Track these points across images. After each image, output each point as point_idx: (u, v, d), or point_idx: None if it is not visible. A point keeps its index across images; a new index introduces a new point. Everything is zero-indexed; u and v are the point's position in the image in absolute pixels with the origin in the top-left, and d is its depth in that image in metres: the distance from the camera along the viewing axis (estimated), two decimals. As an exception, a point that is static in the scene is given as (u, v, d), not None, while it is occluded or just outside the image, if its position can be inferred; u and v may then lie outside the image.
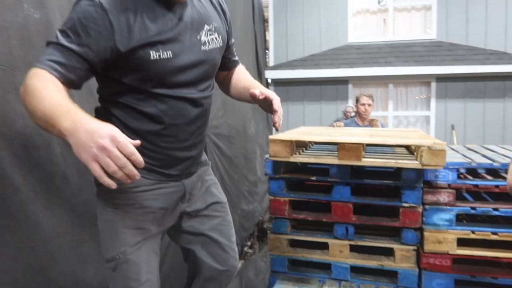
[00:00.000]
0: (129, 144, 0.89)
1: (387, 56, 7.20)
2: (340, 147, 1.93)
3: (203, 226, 1.47)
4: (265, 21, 7.96)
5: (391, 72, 6.99)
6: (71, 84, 1.11)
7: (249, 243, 4.93)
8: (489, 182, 2.04)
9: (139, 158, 0.90)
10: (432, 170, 1.99)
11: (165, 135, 1.27)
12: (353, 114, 6.43)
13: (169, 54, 1.18)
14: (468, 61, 6.75)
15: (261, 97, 1.37)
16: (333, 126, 4.35)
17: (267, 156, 2.10)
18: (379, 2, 7.45)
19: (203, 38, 1.27)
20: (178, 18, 1.22)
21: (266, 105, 1.41)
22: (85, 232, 1.87)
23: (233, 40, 1.51)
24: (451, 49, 7.04)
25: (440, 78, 7.08)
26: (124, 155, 0.88)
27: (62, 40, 1.09)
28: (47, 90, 1.01)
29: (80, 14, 1.10)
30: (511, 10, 6.87)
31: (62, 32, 1.10)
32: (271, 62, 7.90)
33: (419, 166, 1.90)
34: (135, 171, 0.90)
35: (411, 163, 1.93)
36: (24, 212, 1.57)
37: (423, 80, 7.24)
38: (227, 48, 1.46)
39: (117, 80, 1.20)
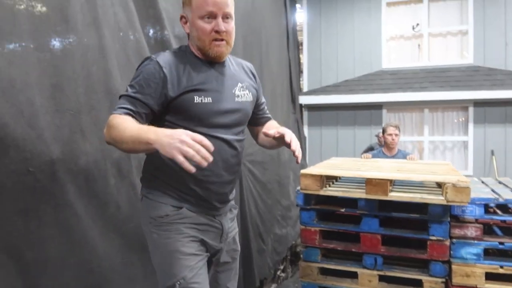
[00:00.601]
0: (198, 135, 1.19)
1: (422, 81, 7.20)
2: (367, 182, 2.05)
3: (225, 280, 1.68)
4: (299, 45, 8.20)
5: (427, 97, 6.97)
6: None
7: (281, 267, 5.02)
8: (517, 217, 2.08)
9: (208, 143, 1.19)
10: (460, 205, 2.06)
11: (205, 169, 1.40)
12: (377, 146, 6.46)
13: (209, 100, 1.46)
14: (507, 86, 6.63)
15: (277, 135, 1.58)
16: (362, 157, 4.41)
17: (298, 188, 2.24)
18: (413, 28, 7.50)
19: (237, 92, 1.56)
20: (218, 74, 1.53)
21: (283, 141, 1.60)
22: (134, 255, 2.08)
23: (263, 99, 1.79)
24: (489, 73, 6.94)
25: (478, 103, 6.98)
26: (197, 143, 1.17)
27: (130, 92, 1.43)
28: (127, 122, 1.33)
29: (143, 71, 1.45)
30: (552, 34, 6.73)
31: (130, 86, 1.44)
32: (305, 88, 8.07)
33: (444, 202, 1.99)
34: (207, 154, 1.17)
35: (436, 198, 2.01)
36: (84, 238, 1.79)
37: (460, 105, 7.15)
38: (258, 105, 1.74)
39: (166, 121, 1.47)
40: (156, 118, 1.48)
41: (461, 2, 7.26)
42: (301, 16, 8.56)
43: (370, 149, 6.55)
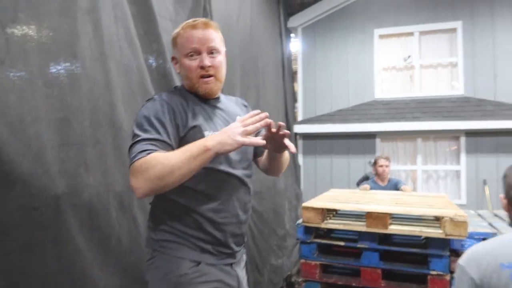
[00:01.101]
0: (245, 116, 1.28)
1: (414, 111, 7.33)
2: (367, 216, 2.07)
3: None
4: (293, 74, 8.36)
5: (419, 127, 7.09)
6: None
7: (278, 299, 4.94)
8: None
9: (258, 112, 1.28)
10: (459, 239, 2.08)
11: (222, 210, 1.43)
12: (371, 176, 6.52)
13: (215, 131, 1.41)
14: (497, 117, 6.79)
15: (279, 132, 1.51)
16: (360, 188, 4.47)
17: (299, 221, 2.26)
18: (405, 60, 7.70)
19: None
20: (216, 109, 1.53)
21: (274, 143, 1.49)
22: (133, 289, 2.05)
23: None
24: (479, 104, 7.11)
25: (470, 133, 7.11)
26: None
27: (143, 135, 1.31)
28: (161, 156, 1.23)
29: (150, 110, 1.38)
30: (539, 67, 6.96)
31: (143, 130, 1.33)
32: (300, 117, 8.18)
33: (443, 236, 2.01)
34: (264, 117, 1.27)
35: (435, 232, 2.04)
36: (86, 272, 1.77)
37: (452, 135, 7.28)
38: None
39: None
40: None
41: (450, 35, 7.51)
42: (295, 45, 8.78)
43: (365, 178, 6.59)
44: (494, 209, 6.95)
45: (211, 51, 1.45)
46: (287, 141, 1.42)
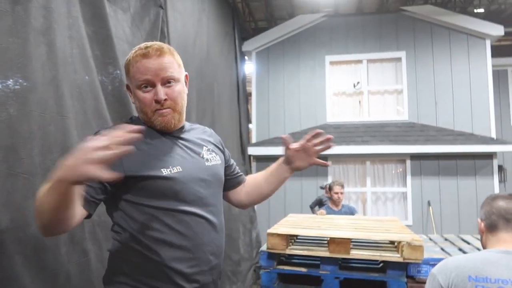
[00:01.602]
0: (95, 140, 0.95)
1: (363, 135, 7.63)
2: (330, 241, 2.08)
3: None
4: (248, 95, 8.44)
5: (368, 150, 7.38)
6: (85, 200, 1.15)
7: (233, 327, 4.80)
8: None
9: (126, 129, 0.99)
10: (415, 265, 2.14)
11: (190, 258, 1.25)
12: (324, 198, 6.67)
13: (179, 169, 1.27)
14: (439, 141, 7.23)
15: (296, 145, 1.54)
16: (317, 213, 4.53)
17: (262, 248, 2.22)
18: (354, 86, 8.05)
19: (205, 156, 1.40)
20: (179, 140, 1.37)
21: (298, 158, 1.56)
22: (84, 331, 1.89)
23: (232, 161, 1.64)
24: (423, 129, 7.55)
25: (414, 157, 7.50)
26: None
27: None
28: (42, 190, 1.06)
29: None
30: (474, 95, 7.54)
31: None
32: (253, 139, 8.23)
33: (401, 260, 2.06)
34: (130, 134, 0.98)
35: (393, 256, 2.08)
36: (31, 315, 1.61)
37: (399, 158, 7.63)
38: (229, 167, 1.58)
39: (124, 200, 1.24)
40: (113, 199, 1.26)
41: (395, 63, 7.98)
42: (249, 67, 8.90)
43: (319, 201, 6.71)
44: (437, 228, 7.33)
45: (168, 81, 1.30)
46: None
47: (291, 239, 2.36)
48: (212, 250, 1.31)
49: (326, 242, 2.29)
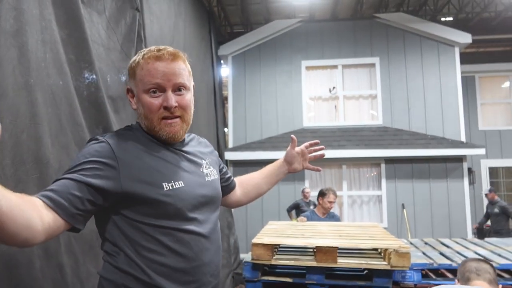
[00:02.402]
0: None
1: (339, 139, 7.71)
2: (317, 250, 2.05)
3: None
4: (224, 99, 8.38)
5: (344, 154, 7.45)
6: (63, 209, 1.03)
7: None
8: (450, 281, 2.22)
9: None
10: (400, 271, 2.14)
11: (189, 282, 1.17)
12: (308, 200, 6.69)
13: (181, 184, 1.18)
14: (412, 145, 7.38)
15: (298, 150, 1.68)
16: (298, 220, 4.49)
17: (246, 260, 2.16)
18: (330, 91, 8.12)
19: (205, 171, 1.31)
20: (180, 153, 1.27)
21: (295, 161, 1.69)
22: None
23: (225, 166, 1.60)
24: (397, 134, 7.70)
25: (389, 160, 7.63)
26: None
27: (64, 175, 1.07)
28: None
29: (85, 151, 1.14)
30: (445, 100, 7.75)
31: (66, 172, 1.09)
32: (230, 144, 8.16)
33: (388, 267, 2.05)
34: None
35: (380, 264, 2.07)
36: None
37: (374, 162, 7.75)
38: (224, 174, 1.53)
39: (124, 216, 1.14)
40: (105, 214, 1.16)
41: (370, 69, 8.11)
42: (225, 71, 8.85)
43: (296, 205, 6.72)
44: (411, 230, 7.47)
45: (179, 88, 1.21)
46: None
47: (274, 248, 2.31)
48: (211, 271, 1.23)
49: (310, 250, 2.26)
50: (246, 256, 2.40)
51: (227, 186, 1.57)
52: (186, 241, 1.16)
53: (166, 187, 1.15)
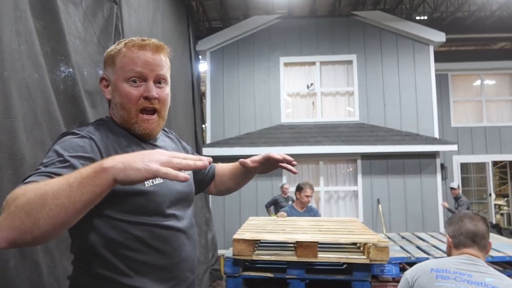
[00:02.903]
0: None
1: (316, 135, 7.79)
2: (298, 245, 2.07)
3: None
4: (202, 96, 8.31)
5: (321, 150, 7.53)
6: None
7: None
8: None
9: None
10: (378, 265, 2.18)
11: (169, 278, 1.14)
12: (288, 195, 6.73)
13: (160, 179, 1.13)
14: (387, 142, 7.53)
15: (252, 164, 1.42)
16: (277, 216, 4.51)
17: (228, 255, 2.16)
18: (308, 87, 8.18)
19: None
20: (154, 148, 1.23)
21: (267, 166, 1.44)
22: None
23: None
24: (373, 130, 7.83)
25: (365, 156, 7.76)
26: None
27: (43, 169, 0.96)
28: (38, 183, 0.86)
29: (66, 145, 1.05)
30: (420, 97, 7.94)
31: (41, 164, 0.99)
32: (208, 140, 8.12)
33: (368, 261, 2.09)
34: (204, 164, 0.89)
35: (360, 258, 2.11)
36: None
37: (350, 158, 7.87)
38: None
39: (102, 215, 1.08)
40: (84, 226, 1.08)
41: (347, 66, 8.21)
42: (203, 67, 8.77)
43: (274, 201, 6.75)
44: (386, 225, 7.64)
45: (159, 80, 1.18)
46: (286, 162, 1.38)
47: (255, 243, 2.32)
48: (189, 266, 1.21)
49: (291, 245, 2.27)
50: (226, 252, 2.40)
51: (206, 176, 1.53)
52: (166, 237, 1.14)
53: (148, 183, 1.11)
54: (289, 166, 1.42)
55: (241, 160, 1.46)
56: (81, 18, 2.71)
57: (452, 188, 7.49)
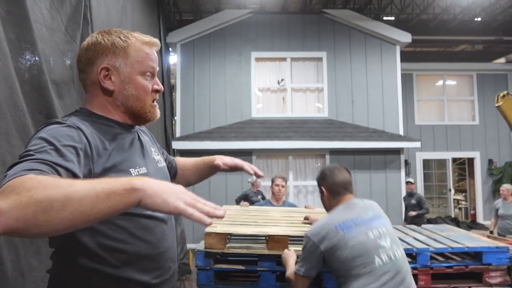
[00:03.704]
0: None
1: (286, 130, 7.87)
2: (270, 239, 2.10)
3: None
4: (172, 88, 8.19)
5: (291, 145, 7.62)
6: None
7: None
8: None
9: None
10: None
11: (154, 268, 1.17)
12: (258, 188, 6.78)
13: (144, 170, 1.18)
14: (355, 138, 7.72)
15: (223, 167, 1.53)
16: (240, 205, 4.53)
17: (200, 248, 2.16)
18: (278, 83, 8.24)
19: (155, 157, 1.34)
20: (135, 139, 1.26)
21: (235, 170, 1.56)
22: None
23: (165, 152, 1.60)
24: (341, 126, 8.00)
25: (333, 152, 7.92)
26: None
27: (37, 155, 0.92)
28: (62, 179, 0.85)
29: (54, 133, 1.02)
30: (386, 95, 8.17)
31: (31, 151, 0.95)
32: (177, 133, 8.03)
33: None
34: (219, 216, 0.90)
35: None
36: None
37: (319, 153, 8.01)
38: (166, 158, 1.56)
39: None
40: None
41: (317, 63, 8.33)
42: (172, 58, 8.64)
43: (245, 196, 6.77)
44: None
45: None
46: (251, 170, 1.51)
47: (227, 236, 2.33)
48: (171, 256, 1.24)
49: (263, 238, 2.30)
50: (196, 246, 2.40)
51: (171, 171, 1.57)
52: (150, 227, 1.16)
53: (134, 173, 1.14)
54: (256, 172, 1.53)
55: (217, 162, 1.55)
56: (48, 5, 2.62)
57: (409, 183, 7.57)
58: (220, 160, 1.56)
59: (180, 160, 1.67)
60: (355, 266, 1.79)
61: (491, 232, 6.00)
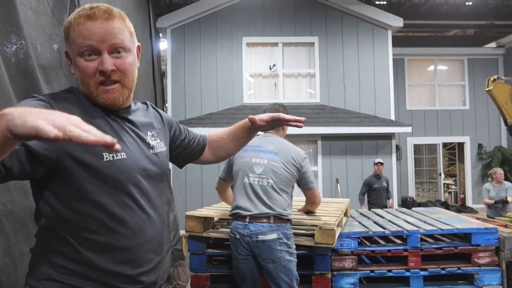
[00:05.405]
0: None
1: (279, 116, 7.83)
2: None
3: None
4: (163, 75, 8.11)
5: (283, 131, 7.60)
6: None
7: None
8: (383, 247, 2.40)
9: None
10: (338, 239, 2.26)
11: (131, 260, 1.13)
12: None
13: (123, 155, 1.10)
14: (346, 123, 7.74)
15: (259, 123, 1.35)
16: None
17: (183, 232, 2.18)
18: (270, 68, 8.19)
19: (151, 142, 1.23)
20: (123, 122, 1.18)
21: (273, 124, 1.38)
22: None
23: (186, 129, 1.50)
24: (333, 112, 8.00)
25: (325, 137, 7.93)
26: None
27: None
28: None
29: (22, 105, 0.98)
30: (378, 80, 8.17)
31: None
32: (169, 119, 7.98)
33: (313, 244, 2.17)
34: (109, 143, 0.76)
35: (304, 240, 2.19)
36: None
37: (311, 139, 8.02)
38: (186, 137, 1.44)
39: (51, 192, 1.05)
40: (38, 188, 1.07)
41: (309, 48, 8.28)
42: (163, 44, 8.53)
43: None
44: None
45: (117, 50, 1.10)
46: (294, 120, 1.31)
47: (223, 221, 2.34)
48: (153, 248, 1.18)
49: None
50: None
51: (193, 149, 1.46)
52: (125, 219, 1.10)
53: (106, 157, 1.06)
54: (297, 124, 1.34)
55: (251, 116, 1.37)
56: (33, -13, 2.55)
57: (379, 163, 6.83)
58: (255, 116, 1.39)
59: (212, 135, 1.55)
60: (235, 178, 2.35)
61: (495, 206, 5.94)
